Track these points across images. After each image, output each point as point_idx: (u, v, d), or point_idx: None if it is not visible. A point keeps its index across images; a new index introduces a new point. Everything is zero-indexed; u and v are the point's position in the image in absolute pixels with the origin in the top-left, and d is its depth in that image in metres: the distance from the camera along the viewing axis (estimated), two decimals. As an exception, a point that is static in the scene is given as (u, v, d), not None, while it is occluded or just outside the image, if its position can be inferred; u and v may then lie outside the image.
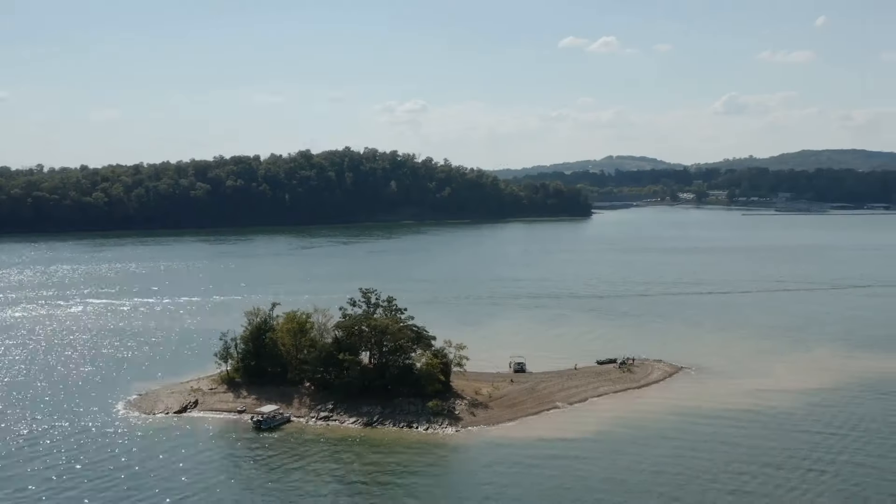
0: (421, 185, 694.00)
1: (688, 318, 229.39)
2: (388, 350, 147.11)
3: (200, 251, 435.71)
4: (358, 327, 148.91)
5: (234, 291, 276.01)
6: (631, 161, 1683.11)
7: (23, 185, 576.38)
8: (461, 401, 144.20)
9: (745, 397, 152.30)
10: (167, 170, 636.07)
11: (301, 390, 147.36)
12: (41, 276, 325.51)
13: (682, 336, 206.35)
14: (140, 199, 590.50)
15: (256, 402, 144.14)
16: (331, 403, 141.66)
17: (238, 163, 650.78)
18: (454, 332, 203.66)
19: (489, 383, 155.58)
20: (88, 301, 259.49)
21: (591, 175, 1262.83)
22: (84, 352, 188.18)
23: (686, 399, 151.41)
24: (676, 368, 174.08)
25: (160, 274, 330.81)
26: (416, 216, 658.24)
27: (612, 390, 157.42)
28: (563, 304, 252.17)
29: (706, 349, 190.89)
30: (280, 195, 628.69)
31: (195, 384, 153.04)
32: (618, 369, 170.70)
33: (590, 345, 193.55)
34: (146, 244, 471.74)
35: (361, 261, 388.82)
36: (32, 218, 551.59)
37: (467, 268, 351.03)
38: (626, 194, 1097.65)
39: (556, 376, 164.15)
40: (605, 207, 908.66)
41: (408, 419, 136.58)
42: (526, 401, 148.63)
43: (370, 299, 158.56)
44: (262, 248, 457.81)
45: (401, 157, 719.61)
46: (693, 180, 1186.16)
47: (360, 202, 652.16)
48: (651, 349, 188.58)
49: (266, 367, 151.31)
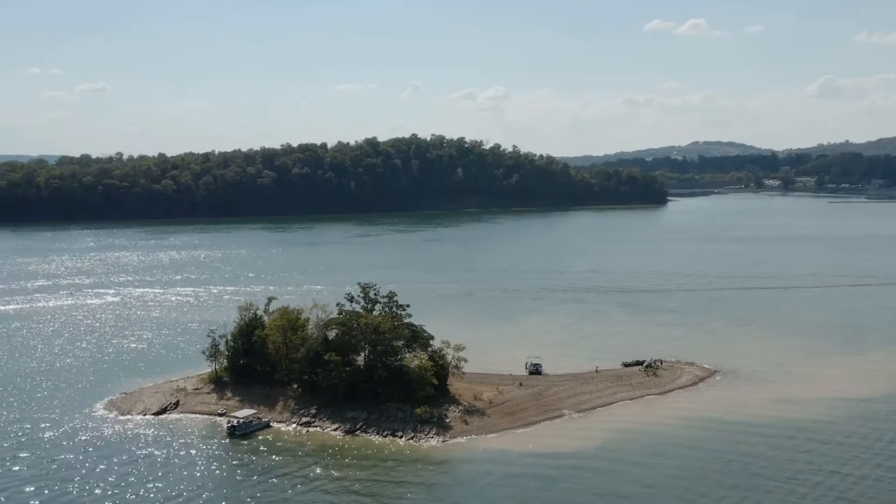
0: (488, 173, 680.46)
1: (737, 316, 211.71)
2: (379, 351, 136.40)
3: (258, 239, 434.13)
4: (347, 326, 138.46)
5: (272, 281, 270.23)
6: (718, 146, 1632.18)
7: (94, 174, 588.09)
8: (455, 407, 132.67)
9: (777, 406, 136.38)
10: (236, 158, 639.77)
11: (288, 392, 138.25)
12: (88, 263, 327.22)
13: (725, 336, 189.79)
14: (207, 187, 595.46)
15: (239, 404, 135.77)
16: (315, 407, 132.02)
17: (305, 150, 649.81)
18: (477, 329, 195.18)
19: (494, 387, 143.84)
20: (122, 290, 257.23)
21: (671, 161, 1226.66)
22: (90, 344, 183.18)
23: (711, 407, 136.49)
24: (709, 372, 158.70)
25: (208, 262, 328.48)
26: (482, 204, 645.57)
27: (629, 397, 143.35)
28: (605, 299, 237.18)
29: (748, 350, 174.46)
30: (345, 183, 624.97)
31: (182, 383, 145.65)
32: (642, 373, 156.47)
33: (621, 345, 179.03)
34: (207, 232, 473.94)
35: (413, 250, 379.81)
36: (103, 205, 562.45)
37: (517, 258, 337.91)
38: (707, 181, 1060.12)
39: (571, 380, 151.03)
40: (684, 195, 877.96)
41: (393, 427, 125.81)
42: (529, 408, 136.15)
43: (368, 294, 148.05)
44: (319, 236, 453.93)
45: (468, 144, 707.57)
46: (780, 166, 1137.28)
47: (425, 190, 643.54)
48: (687, 350, 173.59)
49: (255, 366, 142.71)
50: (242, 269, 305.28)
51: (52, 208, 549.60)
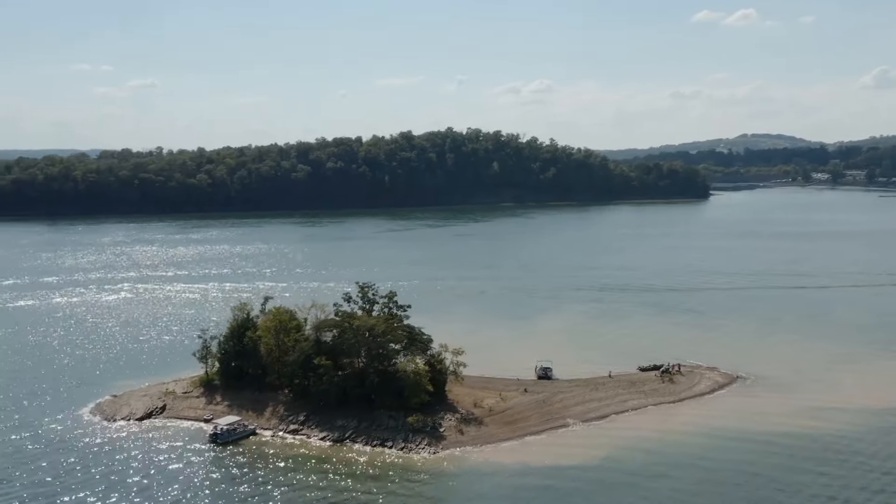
0: (524, 166, 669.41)
1: (768, 317, 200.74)
2: (371, 355, 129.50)
3: (287, 234, 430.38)
4: (339, 328, 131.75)
5: (290, 277, 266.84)
6: (766, 139, 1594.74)
7: (130, 168, 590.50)
8: (452, 415, 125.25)
9: (800, 416, 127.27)
10: (270, 152, 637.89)
11: (279, 397, 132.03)
12: (110, 258, 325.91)
13: (753, 338, 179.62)
14: (242, 181, 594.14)
15: (228, 409, 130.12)
16: (304, 414, 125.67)
17: (339, 144, 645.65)
18: (491, 329, 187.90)
19: (497, 392, 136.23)
20: (137, 286, 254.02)
21: (716, 154, 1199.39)
22: (90, 342, 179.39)
23: (726, 417, 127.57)
24: (730, 378, 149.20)
25: (231, 258, 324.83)
26: (518, 198, 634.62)
27: (640, 405, 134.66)
28: (629, 298, 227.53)
29: (775, 354, 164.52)
30: (379, 177, 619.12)
31: (172, 385, 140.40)
32: (657, 379, 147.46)
33: (640, 348, 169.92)
34: (238, 226, 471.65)
35: (441, 245, 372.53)
36: (138, 199, 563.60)
37: (545, 254, 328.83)
38: (753, 175, 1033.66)
39: (580, 385, 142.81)
40: (728, 189, 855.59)
41: (383, 436, 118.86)
42: (531, 416, 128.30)
43: (366, 294, 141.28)
44: (349, 231, 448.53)
45: (504, 138, 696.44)
46: (829, 159, 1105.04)
47: (460, 184, 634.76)
48: (710, 354, 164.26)
49: (247, 369, 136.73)
50: (264, 265, 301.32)
51: (88, 202, 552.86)
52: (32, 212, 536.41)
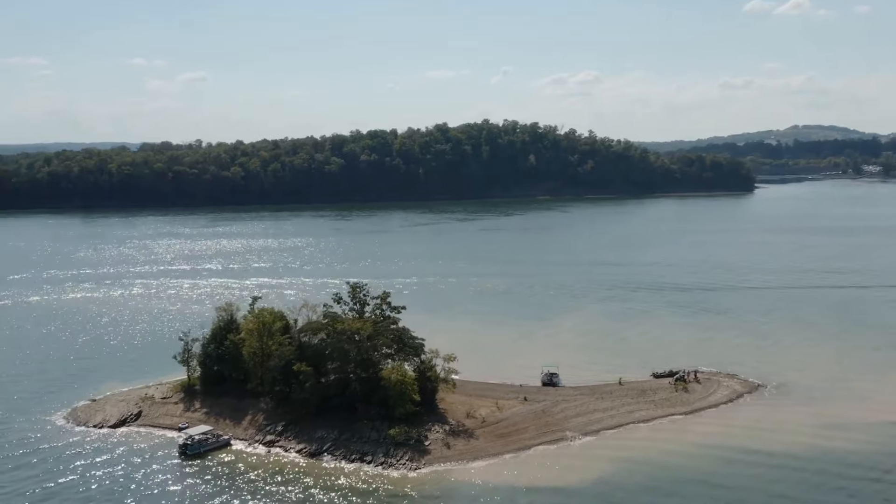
0: (562, 159, 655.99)
1: (802, 319, 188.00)
2: (355, 360, 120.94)
3: (314, 227, 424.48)
4: (322, 331, 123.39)
5: (306, 273, 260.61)
6: (819, 131, 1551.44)
7: (166, 160, 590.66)
8: (440, 427, 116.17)
9: (823, 432, 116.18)
10: (305, 145, 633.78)
11: (259, 405, 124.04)
12: (131, 251, 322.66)
13: (782, 342, 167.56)
14: (275, 174, 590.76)
15: (205, 416, 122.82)
16: (282, 424, 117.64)
17: (374, 137, 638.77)
18: (503, 329, 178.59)
19: (494, 401, 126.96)
20: (150, 281, 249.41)
21: (764, 146, 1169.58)
22: (83, 341, 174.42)
23: (741, 432, 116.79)
24: (751, 387, 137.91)
25: (251, 251, 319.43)
26: (555, 191, 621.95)
27: (648, 416, 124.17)
28: (655, 297, 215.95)
29: (805, 360, 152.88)
30: (414, 170, 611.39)
31: (152, 390, 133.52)
32: (671, 386, 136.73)
33: (659, 351, 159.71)
34: (268, 219, 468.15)
35: (466, 240, 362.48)
36: (172, 192, 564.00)
37: (573, 249, 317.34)
38: (801, 167, 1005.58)
39: (586, 394, 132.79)
40: (775, 181, 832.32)
41: (363, 450, 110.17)
42: (528, 428, 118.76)
43: (357, 295, 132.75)
44: (377, 224, 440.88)
45: (542, 129, 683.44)
46: (882, 151, 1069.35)
47: (496, 177, 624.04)
48: (733, 358, 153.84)
49: (228, 374, 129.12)
50: (283, 259, 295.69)
51: (122, 195, 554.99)
52: (68, 204, 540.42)
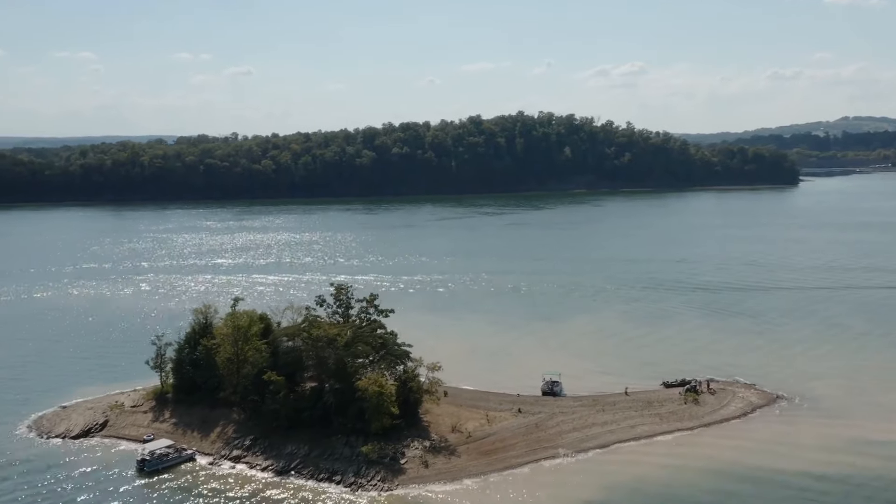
0: (598, 151, 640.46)
1: (835, 322, 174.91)
2: (330, 369, 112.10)
3: (340, 221, 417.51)
4: (298, 337, 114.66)
5: (319, 268, 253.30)
6: (869, 122, 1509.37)
7: (198, 153, 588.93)
8: (420, 443, 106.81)
9: (848, 451, 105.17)
10: (336, 137, 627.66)
11: (231, 415, 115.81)
12: (149, 245, 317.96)
13: (810, 348, 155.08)
14: (306, 167, 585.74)
15: (173, 427, 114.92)
16: (251, 438, 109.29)
17: (406, 129, 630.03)
18: (510, 332, 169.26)
19: (485, 413, 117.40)
20: (158, 276, 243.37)
21: (811, 138, 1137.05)
22: (71, 342, 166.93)
23: (755, 450, 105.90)
24: (769, 398, 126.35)
25: (271, 245, 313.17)
26: (590, 184, 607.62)
27: (651, 432, 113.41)
28: (678, 297, 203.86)
29: (832, 368, 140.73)
30: (446, 163, 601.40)
31: (124, 397, 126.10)
32: (681, 398, 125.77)
33: (675, 356, 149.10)
34: (295, 213, 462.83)
35: (491, 234, 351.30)
36: (203, 185, 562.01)
37: (600, 245, 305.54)
38: (849, 159, 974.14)
39: (587, 405, 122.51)
40: (821, 174, 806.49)
41: (333, 468, 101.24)
42: (516, 444, 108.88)
43: (341, 297, 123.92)
44: (402, 219, 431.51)
45: (578, 121, 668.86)
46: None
47: (530, 170, 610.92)
48: (754, 366, 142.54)
49: (203, 381, 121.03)
50: (300, 255, 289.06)
51: (154, 188, 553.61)
52: (100, 197, 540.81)
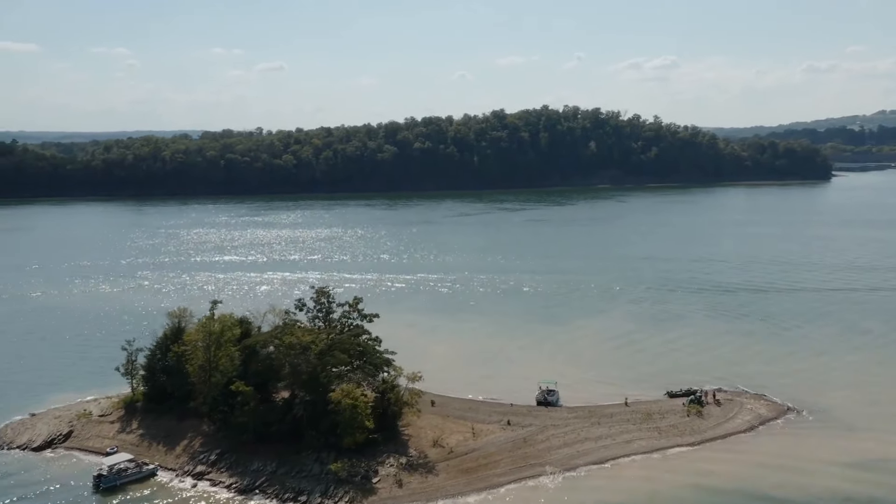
0: (624, 146, 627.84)
1: (858, 326, 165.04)
2: (301, 380, 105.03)
3: (356, 216, 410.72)
4: (269, 345, 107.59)
5: (327, 266, 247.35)
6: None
7: (219, 148, 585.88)
8: (395, 459, 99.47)
9: (863, 468, 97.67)
10: (358, 132, 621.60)
11: (201, 427, 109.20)
12: (160, 241, 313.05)
13: (827, 354, 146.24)
14: (327, 162, 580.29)
15: (138, 440, 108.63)
16: (217, 452, 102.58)
17: (428, 124, 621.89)
18: (511, 335, 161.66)
19: (471, 425, 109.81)
20: (158, 273, 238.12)
21: (846, 132, 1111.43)
22: (54, 342, 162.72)
23: (759, 469, 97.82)
24: (779, 410, 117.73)
25: (280, 242, 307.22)
26: (616, 180, 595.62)
27: (649, 447, 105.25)
28: (694, 299, 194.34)
29: (851, 377, 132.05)
30: (468, 157, 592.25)
31: (93, 405, 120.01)
32: (684, 409, 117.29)
33: (683, 364, 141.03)
34: (312, 208, 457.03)
35: (507, 231, 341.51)
36: (224, 180, 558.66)
37: (619, 243, 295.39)
38: (885, 154, 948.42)
39: (582, 417, 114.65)
40: (855, 169, 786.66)
41: (299, 487, 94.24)
42: (501, 461, 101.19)
43: (321, 301, 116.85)
44: (419, 214, 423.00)
45: (603, 115, 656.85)
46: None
47: (554, 165, 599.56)
48: (766, 374, 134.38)
49: (174, 390, 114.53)
50: (309, 251, 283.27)
51: (174, 183, 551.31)
52: (121, 192, 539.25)
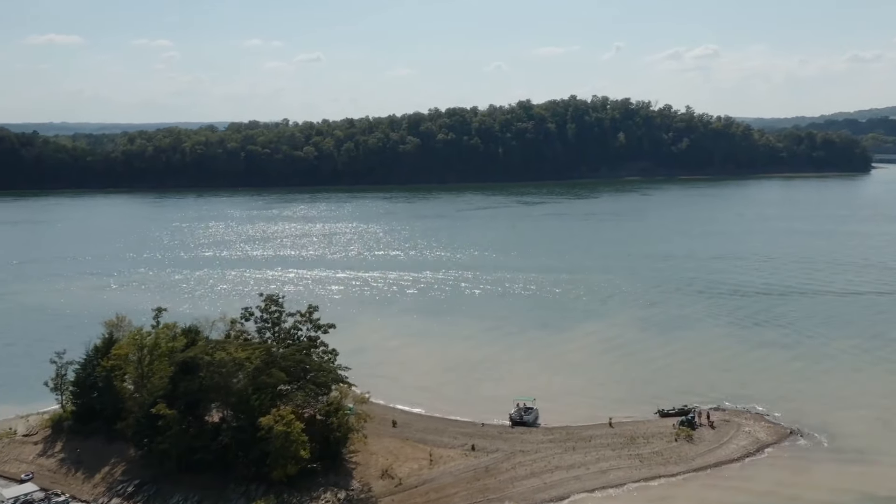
0: (654, 137, 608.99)
1: (883, 336, 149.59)
2: (231, 402, 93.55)
3: (370, 210, 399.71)
4: (199, 362, 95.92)
5: (328, 264, 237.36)
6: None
7: (240, 140, 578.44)
8: (334, 493, 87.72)
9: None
10: (380, 124, 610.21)
11: (128, 452, 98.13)
12: (166, 236, 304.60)
13: (844, 367, 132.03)
14: (349, 154, 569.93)
15: (58, 464, 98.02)
16: (136, 483, 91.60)
17: (452, 115, 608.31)
18: (501, 342, 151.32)
19: (431, 450, 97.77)
20: (156, 271, 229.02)
21: (889, 123, 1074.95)
22: (15, 347, 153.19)
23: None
24: (780, 434, 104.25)
25: (287, 236, 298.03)
26: (646, 171, 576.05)
27: (626, 479, 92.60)
28: (706, 301, 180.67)
29: (866, 396, 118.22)
30: (493, 149, 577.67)
31: (20, 423, 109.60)
32: (673, 432, 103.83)
33: (682, 377, 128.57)
34: (327, 201, 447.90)
35: (520, 227, 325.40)
36: (244, 172, 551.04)
37: (637, 239, 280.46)
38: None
39: (557, 441, 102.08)
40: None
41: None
42: (456, 494, 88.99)
43: (270, 310, 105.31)
44: (434, 208, 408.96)
45: (633, 106, 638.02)
46: None
47: (582, 156, 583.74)
48: (772, 390, 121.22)
49: (103, 408, 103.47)
50: (314, 248, 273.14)
51: (195, 174, 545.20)
52: (142, 184, 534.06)
